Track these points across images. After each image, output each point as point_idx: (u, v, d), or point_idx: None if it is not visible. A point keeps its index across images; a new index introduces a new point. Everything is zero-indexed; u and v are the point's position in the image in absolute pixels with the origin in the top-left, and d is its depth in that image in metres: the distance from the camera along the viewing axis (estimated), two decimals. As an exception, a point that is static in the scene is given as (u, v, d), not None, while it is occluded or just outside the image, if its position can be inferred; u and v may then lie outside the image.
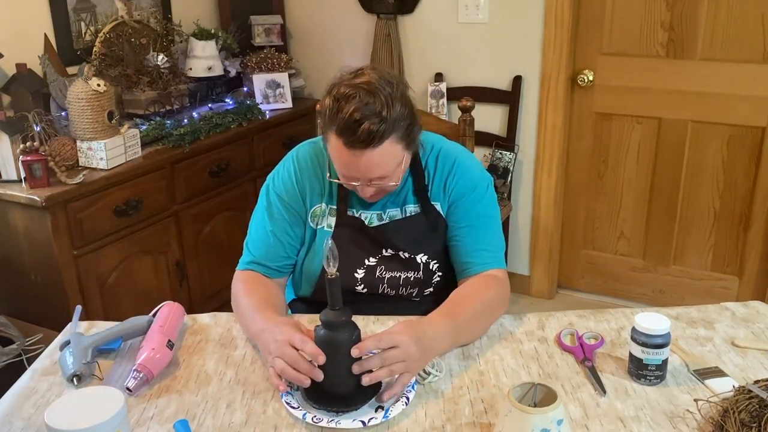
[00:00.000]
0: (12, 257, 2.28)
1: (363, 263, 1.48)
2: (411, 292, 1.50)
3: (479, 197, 1.48)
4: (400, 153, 1.35)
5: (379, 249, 1.48)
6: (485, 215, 1.49)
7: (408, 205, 1.49)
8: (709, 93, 2.72)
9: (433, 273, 1.49)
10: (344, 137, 1.28)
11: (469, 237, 1.47)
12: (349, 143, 1.28)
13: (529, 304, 3.17)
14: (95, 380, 1.25)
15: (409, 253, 1.48)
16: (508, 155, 2.97)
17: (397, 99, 1.30)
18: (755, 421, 1.03)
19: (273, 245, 1.48)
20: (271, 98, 3.09)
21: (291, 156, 1.53)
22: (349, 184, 1.40)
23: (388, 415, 1.13)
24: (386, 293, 1.50)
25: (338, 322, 1.15)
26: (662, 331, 1.17)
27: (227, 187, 2.82)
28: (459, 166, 1.49)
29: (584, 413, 1.14)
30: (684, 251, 2.96)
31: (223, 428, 1.13)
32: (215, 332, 1.41)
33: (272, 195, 1.50)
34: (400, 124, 1.31)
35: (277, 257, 1.49)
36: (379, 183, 1.36)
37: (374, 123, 1.26)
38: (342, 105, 1.27)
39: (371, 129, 1.26)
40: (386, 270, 1.48)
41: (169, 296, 2.51)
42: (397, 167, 1.36)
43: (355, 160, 1.31)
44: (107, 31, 2.64)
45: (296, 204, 1.49)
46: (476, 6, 2.94)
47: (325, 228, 1.49)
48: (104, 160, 2.28)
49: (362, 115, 1.26)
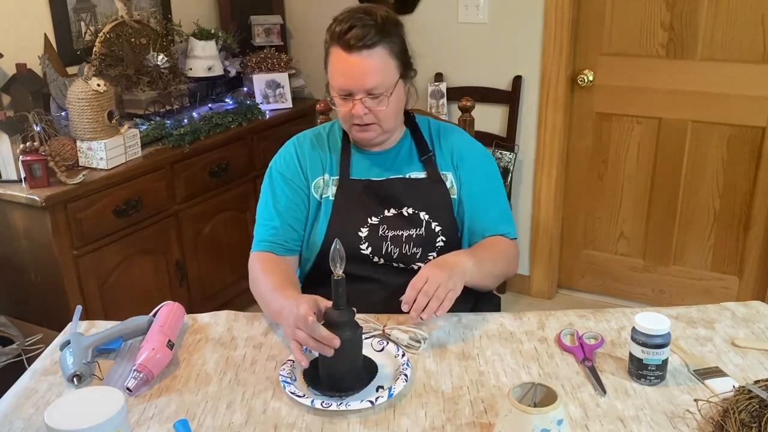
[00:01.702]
0: (12, 257, 2.28)
1: (366, 222, 1.52)
2: (415, 252, 1.52)
3: (490, 168, 1.61)
4: (393, 71, 1.44)
5: (381, 208, 1.52)
6: (499, 186, 1.61)
7: (412, 172, 1.56)
8: (709, 93, 2.72)
9: (436, 234, 1.53)
10: (340, 41, 1.40)
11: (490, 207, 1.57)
12: (345, 46, 1.39)
13: (529, 304, 3.17)
14: (95, 380, 1.25)
15: (413, 209, 1.52)
16: (508, 155, 2.97)
17: (392, 23, 1.44)
18: (755, 421, 1.03)
19: (280, 223, 1.53)
20: (271, 98, 3.09)
21: (292, 139, 1.62)
22: (346, 108, 1.45)
23: (393, 393, 1.16)
24: (390, 253, 1.51)
25: (342, 322, 1.18)
26: (662, 331, 1.17)
27: (227, 187, 2.82)
28: (462, 138, 1.62)
29: (584, 413, 1.14)
30: (684, 251, 2.96)
31: (223, 428, 1.13)
32: (215, 332, 1.41)
33: (275, 174, 1.57)
34: (393, 39, 1.43)
35: (285, 235, 1.53)
36: (371, 100, 1.43)
37: (367, 26, 1.39)
38: (340, 20, 1.42)
39: (364, 31, 1.38)
40: (389, 229, 1.52)
41: (169, 296, 2.51)
42: (389, 85, 1.44)
43: (350, 65, 1.40)
44: (107, 31, 2.64)
45: (298, 179, 1.56)
46: (476, 6, 2.94)
47: (330, 197, 1.54)
48: (104, 160, 2.28)
49: (357, 20, 1.40)
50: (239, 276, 2.97)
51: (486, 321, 1.42)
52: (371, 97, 1.43)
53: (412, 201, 1.53)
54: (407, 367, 1.23)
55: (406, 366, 1.24)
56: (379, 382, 1.22)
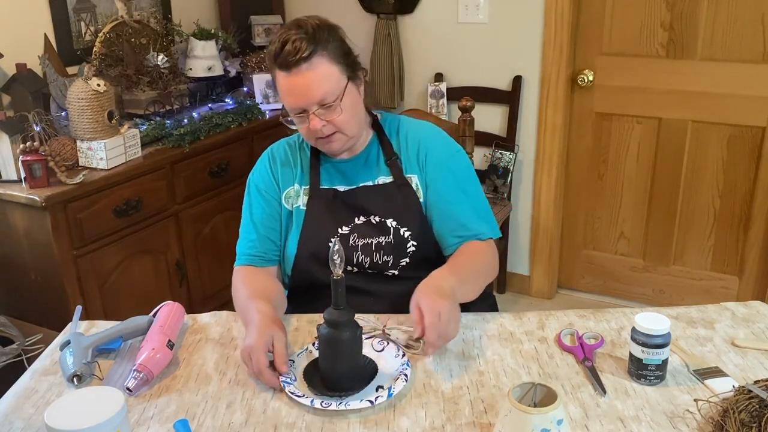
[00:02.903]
0: (12, 257, 2.28)
1: (336, 232, 1.51)
2: (386, 260, 1.51)
3: (458, 165, 1.55)
4: (339, 77, 1.42)
5: (351, 217, 1.52)
6: (472, 183, 1.55)
7: (380, 177, 1.55)
8: (709, 93, 2.72)
9: (406, 240, 1.50)
10: (278, 62, 1.39)
11: (460, 206, 1.51)
12: (283, 64, 1.38)
13: (529, 304, 3.17)
14: (95, 380, 1.25)
15: (380, 217, 1.51)
16: (508, 155, 2.97)
17: (324, 29, 1.41)
18: (755, 421, 1.03)
19: (256, 235, 1.56)
20: (271, 98, 3.08)
21: (267, 151, 1.63)
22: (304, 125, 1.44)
23: (392, 393, 1.17)
24: (361, 262, 1.50)
25: (342, 321, 1.17)
26: (662, 331, 1.17)
27: (227, 187, 2.82)
28: (428, 137, 1.56)
29: (584, 413, 1.14)
30: (684, 251, 2.96)
31: (223, 428, 1.13)
32: (215, 332, 1.41)
33: (251, 187, 1.60)
34: (329, 46, 1.41)
35: (263, 245, 1.55)
36: (324, 111, 1.41)
37: (298, 40, 1.37)
38: (273, 40, 1.42)
39: (296, 45, 1.37)
40: (359, 237, 1.51)
41: (169, 296, 2.50)
42: (338, 92, 1.41)
43: (293, 83, 1.39)
44: (107, 31, 2.64)
45: (272, 191, 1.57)
46: (476, 6, 2.94)
47: (301, 206, 1.54)
48: (104, 160, 2.28)
49: (288, 36, 1.38)
50: (239, 276, 2.97)
51: (486, 321, 1.42)
52: (324, 108, 1.41)
53: (379, 208, 1.51)
54: (407, 367, 1.23)
55: (406, 366, 1.24)
56: (379, 382, 1.22)
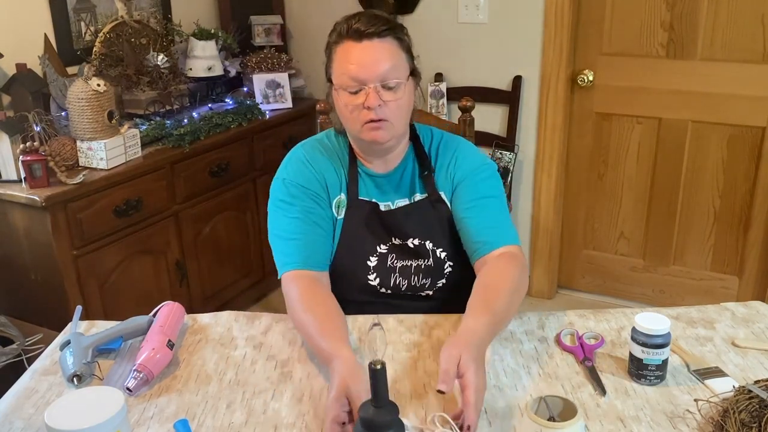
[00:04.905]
0: (12, 257, 2.28)
1: (375, 250, 1.46)
2: (424, 283, 1.48)
3: (483, 178, 1.48)
4: (405, 65, 1.39)
5: (389, 236, 1.47)
6: (491, 195, 1.47)
7: (416, 194, 1.50)
8: (709, 93, 2.72)
9: (444, 261, 1.48)
10: (349, 33, 1.35)
11: (477, 216, 1.43)
12: (356, 35, 1.34)
13: (529, 304, 3.17)
14: (95, 380, 1.25)
15: (419, 240, 1.47)
16: (508, 155, 2.97)
17: (398, 23, 1.40)
18: (755, 421, 1.03)
19: (306, 239, 1.41)
20: (271, 98, 3.09)
21: (298, 149, 1.52)
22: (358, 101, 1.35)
23: None
24: (398, 284, 1.47)
25: (383, 423, 0.94)
26: (662, 331, 1.17)
27: (227, 187, 2.82)
28: (460, 151, 1.52)
29: (584, 413, 1.14)
30: (684, 251, 2.96)
31: (223, 428, 1.13)
32: (215, 332, 1.41)
33: (291, 186, 1.44)
34: (402, 33, 1.39)
35: (315, 249, 1.41)
36: (387, 91, 1.35)
37: (376, 17, 1.36)
38: (346, 18, 1.37)
39: (374, 21, 1.35)
40: (397, 258, 1.47)
41: (169, 296, 2.51)
42: (402, 76, 1.37)
43: (362, 51, 1.34)
44: (107, 31, 2.64)
45: (319, 188, 1.46)
46: (476, 6, 2.94)
47: (340, 217, 1.47)
48: (104, 160, 2.28)
49: (365, 14, 1.37)
50: (239, 276, 2.97)
51: (486, 321, 1.42)
52: (384, 88, 1.35)
53: (417, 231, 1.46)
54: None
55: None
56: None
